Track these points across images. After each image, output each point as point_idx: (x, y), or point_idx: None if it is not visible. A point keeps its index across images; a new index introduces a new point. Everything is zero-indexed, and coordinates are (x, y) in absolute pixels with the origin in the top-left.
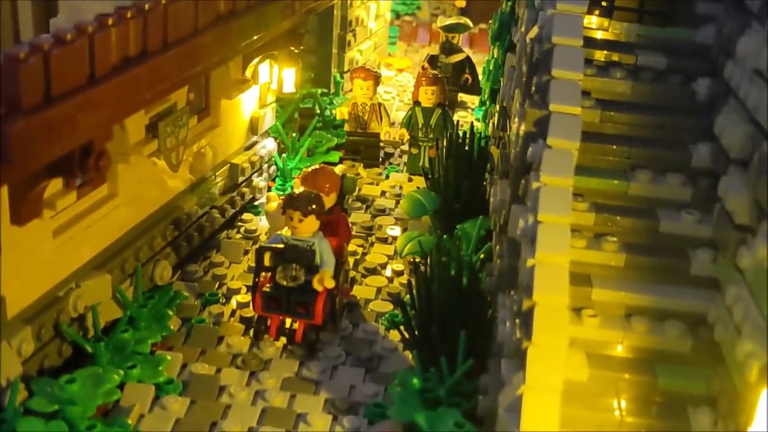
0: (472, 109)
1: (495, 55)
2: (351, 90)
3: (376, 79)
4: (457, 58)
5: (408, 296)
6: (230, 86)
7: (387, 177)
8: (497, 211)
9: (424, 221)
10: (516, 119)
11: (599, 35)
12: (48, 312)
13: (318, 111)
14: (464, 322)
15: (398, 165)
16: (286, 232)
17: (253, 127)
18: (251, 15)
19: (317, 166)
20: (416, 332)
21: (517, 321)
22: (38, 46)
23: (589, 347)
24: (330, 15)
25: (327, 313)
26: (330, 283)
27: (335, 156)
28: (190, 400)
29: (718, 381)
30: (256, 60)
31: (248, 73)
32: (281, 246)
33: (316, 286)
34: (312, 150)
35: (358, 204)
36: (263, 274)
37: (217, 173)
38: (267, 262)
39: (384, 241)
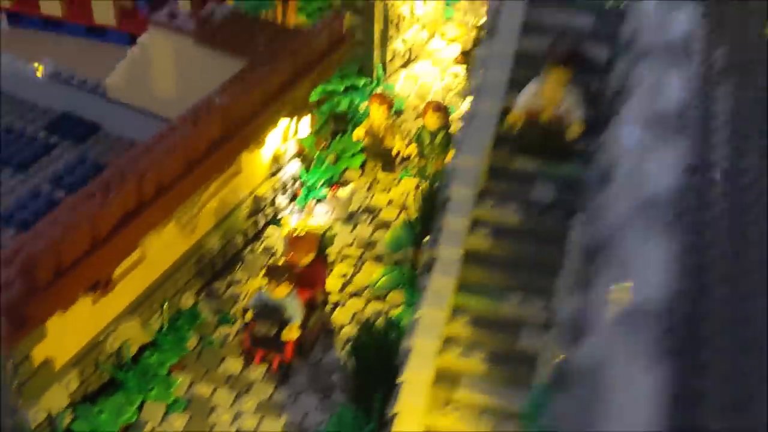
0: None
1: None
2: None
3: (390, 104)
4: None
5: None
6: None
7: (399, 182)
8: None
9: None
10: None
11: None
12: (91, 354)
13: (350, 114)
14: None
15: (412, 169)
16: (266, 289)
17: (276, 159)
18: None
19: (302, 234)
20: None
21: None
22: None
23: None
24: (371, 11)
25: (296, 351)
26: (293, 336)
27: (358, 160)
28: (188, 416)
29: None
30: None
31: None
32: (256, 307)
33: (284, 337)
34: (338, 155)
35: (365, 216)
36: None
37: (241, 206)
38: (249, 317)
39: (379, 260)
